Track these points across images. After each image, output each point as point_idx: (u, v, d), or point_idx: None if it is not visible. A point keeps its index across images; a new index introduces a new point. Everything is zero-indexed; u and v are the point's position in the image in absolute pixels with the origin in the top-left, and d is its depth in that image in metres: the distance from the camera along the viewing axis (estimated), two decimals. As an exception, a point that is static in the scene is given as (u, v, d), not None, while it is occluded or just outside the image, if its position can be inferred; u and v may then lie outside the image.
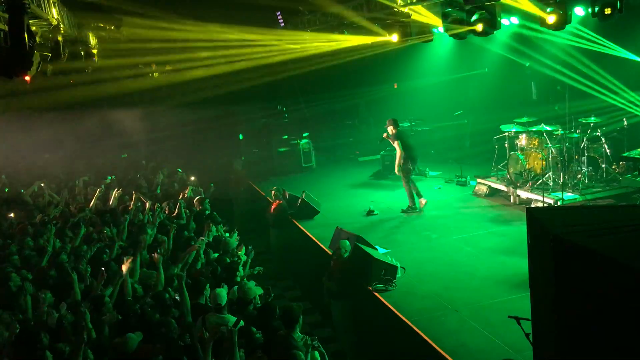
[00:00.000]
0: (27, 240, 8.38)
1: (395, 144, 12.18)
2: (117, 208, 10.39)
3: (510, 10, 10.74)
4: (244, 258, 8.42)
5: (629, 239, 3.29)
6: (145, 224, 9.03)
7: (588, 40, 11.52)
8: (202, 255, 7.92)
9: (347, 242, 8.83)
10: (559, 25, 9.40)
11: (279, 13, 14.17)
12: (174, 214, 10.10)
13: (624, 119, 11.76)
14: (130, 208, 10.09)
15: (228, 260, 7.90)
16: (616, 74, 11.94)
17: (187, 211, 10.15)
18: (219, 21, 12.98)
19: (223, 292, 6.34)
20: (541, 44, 12.82)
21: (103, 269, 6.78)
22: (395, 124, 12.28)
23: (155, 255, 7.10)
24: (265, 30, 13.79)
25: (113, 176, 13.22)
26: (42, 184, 12.12)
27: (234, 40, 13.72)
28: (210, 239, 8.84)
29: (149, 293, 6.70)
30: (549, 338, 3.74)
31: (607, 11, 8.20)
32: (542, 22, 9.68)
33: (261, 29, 13.73)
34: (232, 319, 5.84)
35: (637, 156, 10.10)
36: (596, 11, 8.53)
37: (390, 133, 12.22)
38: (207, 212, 10.47)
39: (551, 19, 9.24)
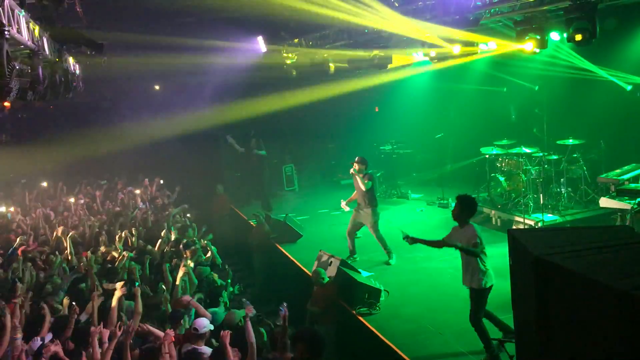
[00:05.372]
0: None
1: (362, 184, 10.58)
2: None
3: (488, 35, 10.97)
4: (220, 282, 8.37)
5: (609, 259, 3.33)
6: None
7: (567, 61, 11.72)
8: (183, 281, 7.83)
9: (322, 270, 8.82)
10: (536, 51, 9.57)
11: (260, 37, 14.24)
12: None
13: (601, 142, 11.96)
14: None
15: (207, 286, 7.84)
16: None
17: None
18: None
19: (202, 321, 6.25)
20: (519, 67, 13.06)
21: (74, 303, 6.63)
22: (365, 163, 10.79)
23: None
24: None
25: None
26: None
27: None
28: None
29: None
30: (533, 359, 3.74)
31: (578, 37, 8.33)
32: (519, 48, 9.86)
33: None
34: (208, 350, 5.79)
35: (615, 177, 10.25)
36: (570, 34, 8.66)
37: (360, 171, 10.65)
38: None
39: (528, 46, 9.39)
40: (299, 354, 5.34)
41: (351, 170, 10.72)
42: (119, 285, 6.82)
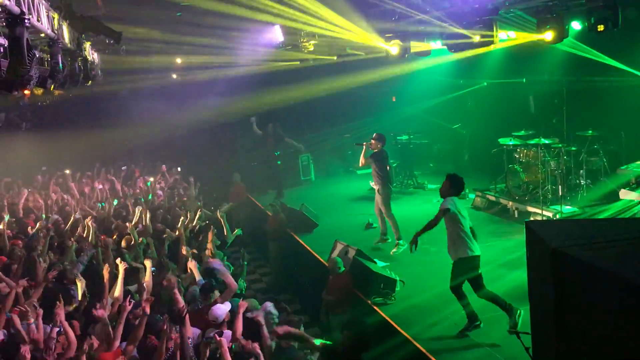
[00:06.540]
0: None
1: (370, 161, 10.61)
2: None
3: (507, 25, 10.82)
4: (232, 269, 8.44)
5: (628, 252, 3.28)
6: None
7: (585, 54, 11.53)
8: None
9: (339, 259, 8.83)
10: (556, 41, 9.44)
11: (277, 26, 14.20)
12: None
13: (622, 133, 11.79)
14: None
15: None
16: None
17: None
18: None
19: (217, 310, 6.32)
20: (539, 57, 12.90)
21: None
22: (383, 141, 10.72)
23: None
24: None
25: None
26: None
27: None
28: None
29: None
30: (549, 352, 3.71)
31: (600, 28, 8.20)
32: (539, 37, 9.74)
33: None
34: (228, 334, 5.87)
35: (635, 169, 10.11)
36: (592, 23, 8.53)
37: (373, 148, 10.66)
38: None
39: (548, 35, 9.26)
40: (343, 342, 5.36)
41: (365, 142, 10.77)
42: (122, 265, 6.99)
